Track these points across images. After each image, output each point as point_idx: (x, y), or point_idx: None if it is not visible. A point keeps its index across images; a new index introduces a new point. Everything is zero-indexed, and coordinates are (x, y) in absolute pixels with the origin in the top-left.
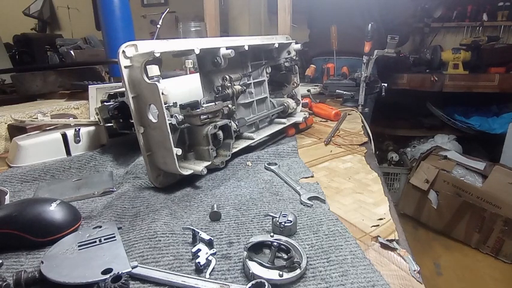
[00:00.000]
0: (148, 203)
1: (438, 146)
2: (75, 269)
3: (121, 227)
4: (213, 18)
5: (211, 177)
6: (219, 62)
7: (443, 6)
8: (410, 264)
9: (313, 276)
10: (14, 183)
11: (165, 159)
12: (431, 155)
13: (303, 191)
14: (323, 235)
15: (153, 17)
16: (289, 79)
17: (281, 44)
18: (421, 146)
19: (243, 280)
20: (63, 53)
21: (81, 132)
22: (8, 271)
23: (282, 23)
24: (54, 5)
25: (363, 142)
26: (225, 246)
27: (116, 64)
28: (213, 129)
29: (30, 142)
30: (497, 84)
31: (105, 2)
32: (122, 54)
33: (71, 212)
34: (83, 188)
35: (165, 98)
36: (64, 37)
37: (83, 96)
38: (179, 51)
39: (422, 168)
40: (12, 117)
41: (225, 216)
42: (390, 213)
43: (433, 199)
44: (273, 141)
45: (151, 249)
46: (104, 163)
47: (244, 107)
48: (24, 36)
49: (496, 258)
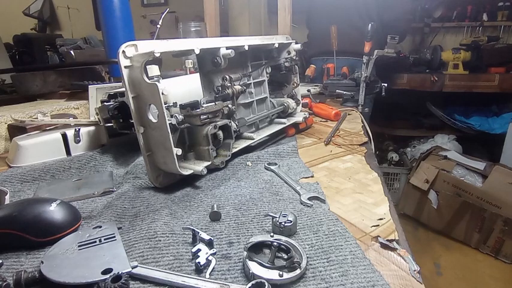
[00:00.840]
0: (148, 203)
1: (438, 146)
2: (75, 269)
3: (121, 227)
4: (213, 18)
5: (211, 177)
6: (219, 62)
7: (443, 6)
8: (410, 264)
9: (313, 276)
10: (14, 183)
11: (165, 159)
12: (431, 155)
13: (303, 191)
14: (323, 235)
15: (153, 17)
16: (289, 79)
17: (281, 44)
18: (421, 146)
19: (243, 280)
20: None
21: (81, 132)
22: (8, 271)
23: (282, 23)
24: (54, 5)
25: (363, 142)
26: (225, 246)
27: (116, 64)
28: (213, 129)
29: (30, 142)
30: (497, 84)
31: (105, 2)
32: (122, 54)
33: (71, 212)
34: (83, 188)
35: (165, 98)
36: (64, 37)
37: (83, 96)
38: (179, 51)
39: (422, 168)
40: (12, 117)
41: (225, 216)
42: (390, 213)
43: (433, 199)
44: (273, 141)
45: (151, 249)
46: (104, 163)
47: (244, 107)
48: (24, 36)
49: (496, 258)
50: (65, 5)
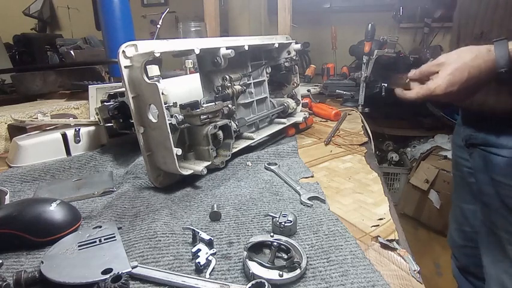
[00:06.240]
0: (148, 203)
1: (438, 146)
2: (75, 269)
3: (121, 227)
4: (213, 18)
5: (211, 177)
6: (219, 62)
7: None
8: (410, 264)
9: (313, 276)
10: (14, 183)
11: (165, 159)
12: (431, 155)
13: (303, 191)
14: (323, 235)
15: (153, 17)
16: (289, 79)
17: (281, 44)
18: (421, 146)
19: (243, 280)
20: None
21: (81, 132)
22: (8, 271)
23: (282, 23)
24: (54, 5)
25: (363, 142)
26: (225, 246)
27: (116, 64)
28: (213, 129)
29: (30, 142)
30: None
31: (105, 2)
32: (122, 54)
33: (71, 212)
34: (83, 188)
35: (165, 98)
36: (64, 37)
37: (83, 96)
38: (179, 51)
39: (422, 168)
40: (12, 117)
41: (225, 216)
42: (390, 213)
43: (435, 199)
44: (273, 141)
45: (151, 249)
46: (104, 163)
47: (244, 107)
48: (24, 36)
49: None
50: (65, 5)
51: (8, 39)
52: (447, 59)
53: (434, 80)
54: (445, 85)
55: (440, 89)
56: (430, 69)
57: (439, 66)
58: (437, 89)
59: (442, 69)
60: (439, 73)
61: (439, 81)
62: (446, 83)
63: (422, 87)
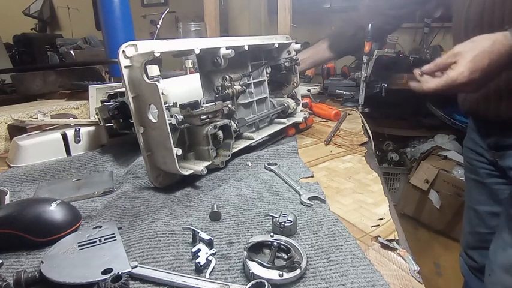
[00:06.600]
0: (148, 203)
1: (438, 146)
2: (75, 269)
3: (121, 227)
4: (213, 18)
5: (211, 177)
6: (219, 62)
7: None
8: (410, 264)
9: (313, 276)
10: (14, 183)
11: (165, 159)
12: (431, 155)
13: (303, 191)
14: (323, 235)
15: (153, 17)
16: (289, 79)
17: (281, 44)
18: (421, 146)
19: (243, 280)
20: (63, 53)
21: (81, 132)
22: (8, 271)
23: (282, 23)
24: (54, 5)
25: (363, 142)
26: (225, 246)
27: (116, 64)
28: (213, 129)
29: (30, 142)
30: None
31: (105, 2)
32: (122, 54)
33: (71, 212)
34: (83, 188)
35: (165, 98)
36: (64, 37)
37: (83, 96)
38: (179, 51)
39: (422, 168)
40: (12, 117)
41: (225, 216)
42: (390, 213)
43: (435, 199)
44: (273, 141)
45: (151, 249)
46: (104, 163)
47: (244, 107)
48: (24, 36)
49: None
50: (65, 5)
51: (8, 39)
52: (463, 48)
53: (455, 69)
54: (468, 72)
55: (463, 76)
56: (446, 61)
57: (456, 56)
58: (459, 76)
59: (460, 58)
60: (457, 62)
61: (460, 69)
62: (469, 69)
63: (442, 77)
